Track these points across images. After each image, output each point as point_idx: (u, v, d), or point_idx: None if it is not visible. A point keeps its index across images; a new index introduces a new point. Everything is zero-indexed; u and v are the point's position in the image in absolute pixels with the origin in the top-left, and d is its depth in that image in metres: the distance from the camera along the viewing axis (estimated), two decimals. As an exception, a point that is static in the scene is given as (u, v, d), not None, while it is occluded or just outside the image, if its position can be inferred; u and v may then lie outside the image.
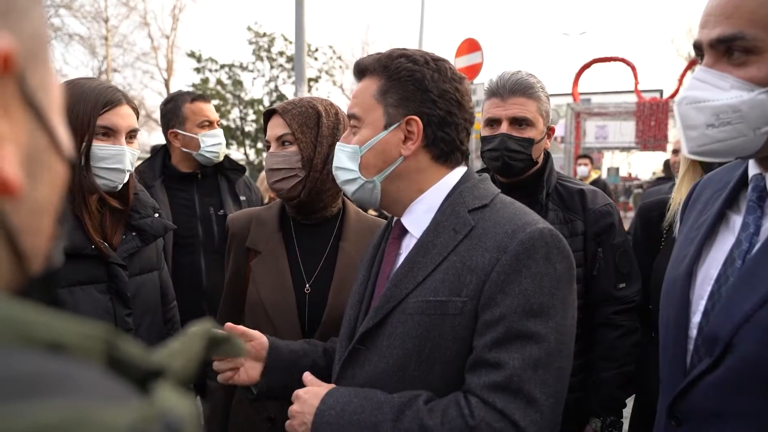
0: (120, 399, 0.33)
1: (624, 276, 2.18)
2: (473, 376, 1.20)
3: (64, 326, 0.36)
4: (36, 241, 0.43)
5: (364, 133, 1.37)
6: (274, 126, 1.94)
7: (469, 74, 9.60)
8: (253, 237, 1.97)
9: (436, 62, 1.36)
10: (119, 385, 0.35)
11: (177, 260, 2.79)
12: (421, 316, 1.25)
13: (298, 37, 8.41)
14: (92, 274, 1.80)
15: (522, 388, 1.15)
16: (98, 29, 23.64)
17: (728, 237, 1.25)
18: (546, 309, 1.19)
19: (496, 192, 1.38)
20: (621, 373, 2.14)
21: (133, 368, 0.38)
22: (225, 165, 3.06)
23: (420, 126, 1.33)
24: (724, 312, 1.14)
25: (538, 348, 1.17)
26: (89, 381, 0.34)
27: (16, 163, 0.39)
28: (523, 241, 1.21)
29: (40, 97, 0.42)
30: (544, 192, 2.17)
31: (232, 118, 23.83)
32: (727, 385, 1.12)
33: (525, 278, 1.19)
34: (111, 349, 0.38)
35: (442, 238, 1.30)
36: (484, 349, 1.19)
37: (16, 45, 0.39)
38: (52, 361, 0.34)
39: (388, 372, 1.28)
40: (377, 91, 1.36)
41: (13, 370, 0.31)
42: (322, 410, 1.27)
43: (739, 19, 1.11)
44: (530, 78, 2.16)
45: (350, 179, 1.40)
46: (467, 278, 1.23)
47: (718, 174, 1.39)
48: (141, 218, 1.97)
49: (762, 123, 1.12)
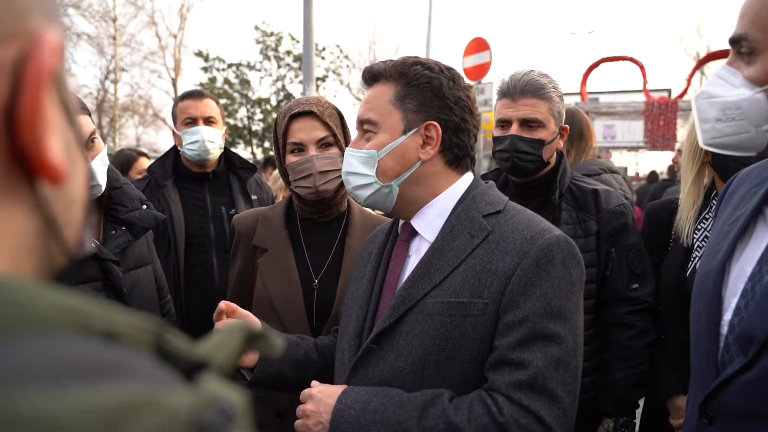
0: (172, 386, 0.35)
1: (637, 276, 2.17)
2: (497, 375, 1.24)
3: (118, 317, 0.38)
4: (71, 231, 0.45)
5: (381, 137, 1.39)
6: (312, 128, 1.94)
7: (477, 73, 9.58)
8: (260, 235, 2.01)
9: (449, 71, 1.41)
10: (169, 373, 0.37)
11: (189, 260, 2.80)
12: (441, 317, 1.28)
13: (306, 36, 8.40)
14: (87, 273, 1.77)
15: (546, 386, 1.20)
16: (106, 28, 23.80)
17: (765, 233, 1.24)
18: (564, 311, 1.25)
19: (506, 199, 1.44)
20: (634, 374, 2.14)
21: (179, 359, 0.39)
22: (236, 164, 3.07)
23: (439, 131, 1.37)
24: (760, 311, 1.13)
25: (559, 348, 1.23)
26: (145, 368, 0.35)
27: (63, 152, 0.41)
28: (542, 247, 1.27)
29: (67, 94, 0.44)
30: (558, 192, 2.16)
31: (240, 117, 23.89)
32: (762, 385, 1.11)
33: (545, 282, 1.25)
34: (160, 340, 0.39)
35: (458, 242, 1.34)
36: (508, 349, 1.24)
37: None
38: (112, 349, 0.35)
39: (406, 370, 1.30)
40: (394, 97, 1.38)
41: (78, 356, 0.33)
42: (341, 409, 1.27)
43: (747, 20, 1.16)
44: (542, 78, 2.15)
45: (364, 184, 1.41)
46: (488, 281, 1.28)
47: (758, 168, 1.38)
48: (128, 212, 1.95)
49: (762, 121, 1.17)
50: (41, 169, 0.39)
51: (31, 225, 0.41)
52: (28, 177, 0.40)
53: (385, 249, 1.52)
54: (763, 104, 1.16)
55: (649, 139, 8.69)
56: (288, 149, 1.97)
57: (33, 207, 0.41)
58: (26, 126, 0.38)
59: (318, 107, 1.95)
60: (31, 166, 0.39)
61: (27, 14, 0.39)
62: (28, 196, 0.40)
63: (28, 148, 0.39)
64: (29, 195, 0.40)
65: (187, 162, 2.95)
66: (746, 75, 1.18)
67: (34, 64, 0.39)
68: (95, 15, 23.28)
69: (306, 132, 1.94)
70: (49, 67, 0.39)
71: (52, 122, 0.41)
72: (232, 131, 22.28)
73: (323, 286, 1.94)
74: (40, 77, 0.39)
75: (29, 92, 0.38)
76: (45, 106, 0.40)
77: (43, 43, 0.39)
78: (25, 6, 0.40)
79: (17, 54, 0.38)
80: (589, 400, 2.15)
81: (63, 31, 0.43)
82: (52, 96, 0.41)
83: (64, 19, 0.46)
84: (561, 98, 2.19)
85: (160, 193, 2.84)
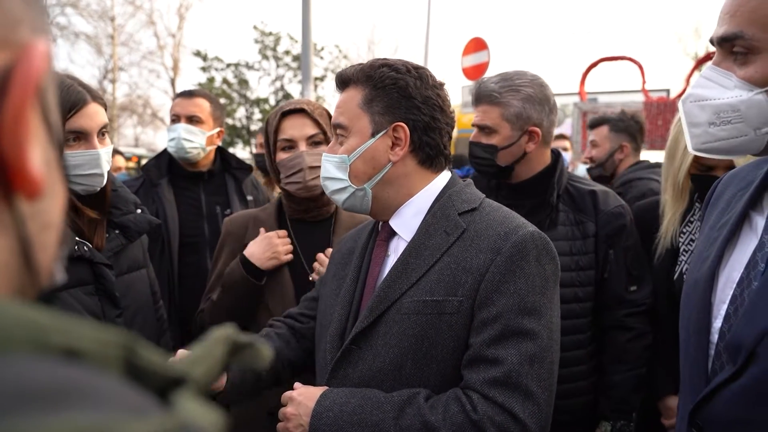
0: (140, 410, 0.32)
1: (635, 278, 2.15)
2: (472, 373, 1.25)
3: (82, 331, 0.35)
4: (44, 256, 0.42)
5: (351, 141, 1.41)
6: (303, 125, 2.00)
7: (476, 73, 9.55)
8: (252, 236, 2.06)
9: (417, 70, 1.42)
10: (139, 394, 0.34)
11: (182, 260, 2.78)
12: (417, 316, 1.30)
13: (304, 36, 8.40)
14: (78, 276, 1.74)
15: (520, 382, 1.21)
16: (104, 28, 23.74)
17: (751, 238, 1.22)
18: (538, 307, 1.26)
19: (483, 196, 1.45)
20: (632, 376, 2.12)
21: (152, 376, 0.37)
22: (232, 164, 3.05)
23: (407, 132, 1.38)
24: (748, 319, 1.11)
25: (533, 344, 1.24)
26: (108, 391, 0.32)
27: (43, 166, 0.39)
28: (516, 244, 1.28)
29: (52, 115, 0.42)
30: (555, 193, 2.13)
31: (238, 117, 23.85)
32: (751, 393, 1.08)
33: (519, 278, 1.26)
34: (130, 355, 0.36)
35: (434, 240, 1.35)
36: (482, 346, 1.25)
37: None
38: (70, 370, 0.32)
39: (384, 370, 1.31)
40: (362, 100, 1.40)
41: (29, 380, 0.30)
42: (320, 412, 1.29)
43: (741, 18, 1.11)
44: (500, 82, 2.10)
45: (340, 188, 1.43)
46: (462, 278, 1.29)
47: (743, 171, 1.36)
48: (123, 215, 1.93)
49: (761, 123, 1.12)
50: (19, 180, 0.37)
51: (6, 242, 0.38)
52: (5, 189, 0.38)
53: (368, 248, 1.53)
54: (764, 105, 1.11)
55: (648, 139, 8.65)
56: (279, 146, 2.03)
57: (8, 223, 0.38)
58: (8, 132, 0.36)
59: (309, 106, 2.01)
60: (9, 175, 0.37)
61: (18, 25, 0.39)
62: (4, 209, 0.38)
63: (8, 156, 0.37)
64: (5, 209, 0.38)
65: (182, 161, 2.93)
66: (742, 75, 1.13)
67: (22, 71, 0.37)
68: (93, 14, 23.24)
69: (297, 129, 2.00)
70: (37, 76, 0.38)
71: (35, 133, 0.39)
72: (230, 131, 22.24)
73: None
74: (27, 84, 0.37)
75: (14, 98, 0.37)
76: (29, 115, 0.38)
77: (32, 52, 0.38)
78: (16, 17, 0.39)
79: (5, 63, 0.37)
80: (587, 403, 2.13)
81: (52, 44, 0.41)
82: (36, 110, 0.39)
83: (61, 19, 0.44)
84: (524, 100, 2.08)
85: (154, 192, 2.82)
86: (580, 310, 2.10)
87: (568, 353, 2.08)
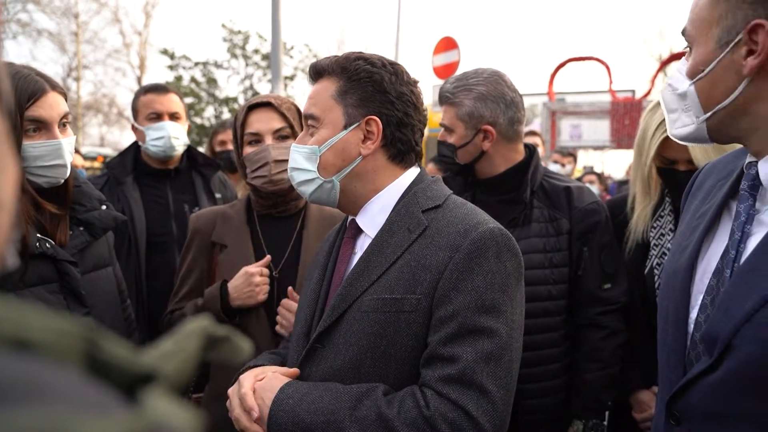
0: (101, 408, 0.28)
1: (609, 276, 2.14)
2: (428, 370, 1.25)
3: (35, 321, 0.31)
4: None
5: (323, 132, 1.40)
6: (270, 119, 1.99)
7: (446, 72, 9.60)
8: (219, 232, 2.05)
9: (392, 66, 1.41)
10: (101, 391, 0.30)
11: (150, 259, 2.71)
12: (376, 314, 1.29)
13: (274, 34, 8.35)
14: (40, 274, 1.68)
15: (475, 380, 1.21)
16: (68, 25, 23.29)
17: (730, 228, 1.22)
18: (497, 305, 1.25)
19: (449, 193, 1.44)
20: (605, 375, 2.11)
21: (118, 372, 0.33)
22: (199, 161, 2.99)
23: (380, 126, 1.38)
24: (724, 310, 1.10)
25: (490, 342, 1.23)
26: (64, 386, 0.28)
27: None
28: (474, 240, 1.27)
29: None
30: (528, 189, 2.12)
31: (207, 117, 23.57)
32: (727, 386, 1.09)
33: (477, 276, 1.25)
34: (92, 349, 0.32)
35: (397, 238, 1.34)
36: (439, 344, 1.24)
37: None
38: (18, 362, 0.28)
39: (344, 368, 1.31)
40: (336, 92, 1.39)
41: None
42: (281, 399, 1.30)
43: (689, 15, 1.20)
44: (455, 83, 2.14)
45: (307, 180, 1.42)
46: (421, 276, 1.28)
47: (723, 161, 1.38)
48: (87, 211, 1.87)
49: (698, 112, 1.19)
50: None
51: None
52: None
53: (335, 246, 1.52)
54: (695, 97, 1.19)
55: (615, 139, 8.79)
56: (245, 140, 2.02)
57: None
58: None
59: (276, 100, 2.00)
60: None
61: None
62: None
63: None
64: None
65: (148, 158, 2.87)
66: (686, 68, 1.21)
67: None
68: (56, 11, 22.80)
69: (263, 123, 1.99)
70: None
71: None
72: (199, 130, 21.95)
73: (283, 276, 1.99)
74: None
75: None
76: None
77: None
78: None
79: None
80: (562, 401, 2.13)
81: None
82: None
83: (23, 15, 0.39)
84: (477, 99, 2.08)
85: (119, 190, 2.75)
86: (553, 308, 2.09)
87: (542, 351, 2.07)
